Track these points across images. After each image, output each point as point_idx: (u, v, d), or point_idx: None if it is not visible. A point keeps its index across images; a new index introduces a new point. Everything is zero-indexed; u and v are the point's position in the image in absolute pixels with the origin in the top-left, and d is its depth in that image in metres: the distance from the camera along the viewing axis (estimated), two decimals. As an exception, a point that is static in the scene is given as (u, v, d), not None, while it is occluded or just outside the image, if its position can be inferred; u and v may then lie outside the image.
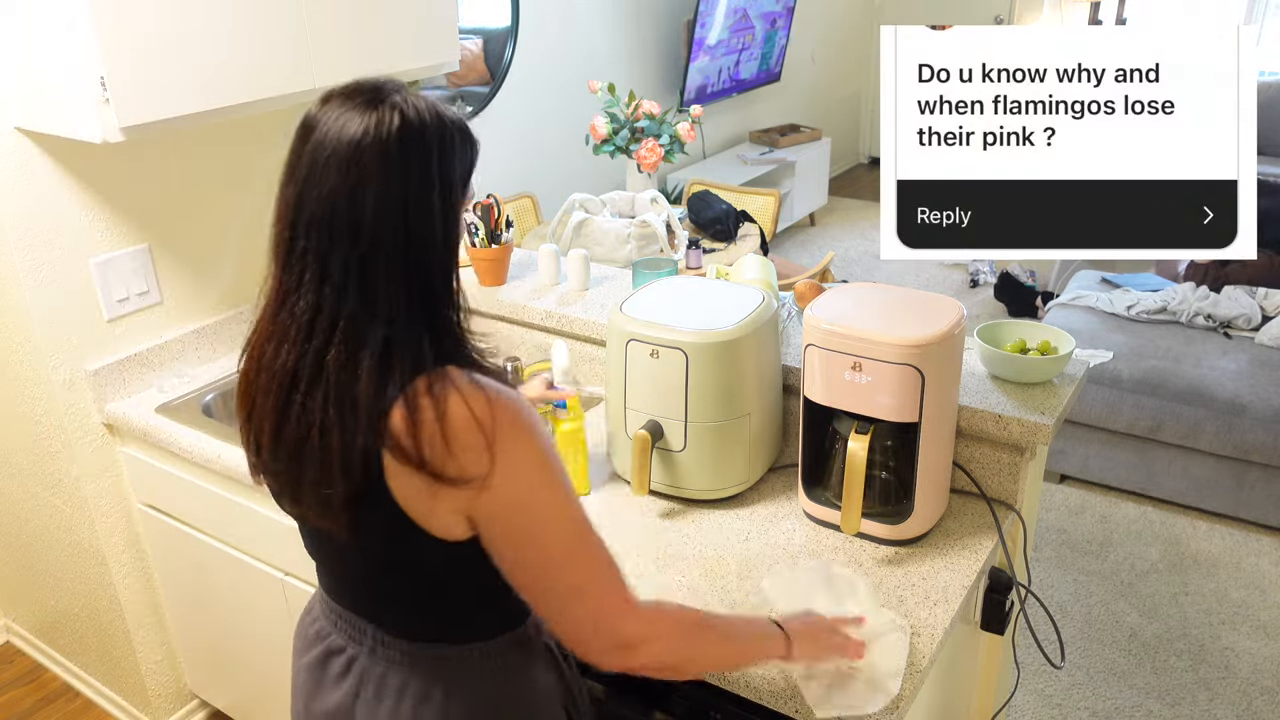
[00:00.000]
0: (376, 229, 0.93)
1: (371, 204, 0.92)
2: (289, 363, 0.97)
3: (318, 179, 0.93)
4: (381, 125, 0.93)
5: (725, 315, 1.55)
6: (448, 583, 1.07)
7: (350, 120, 0.93)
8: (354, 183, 0.92)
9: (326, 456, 0.96)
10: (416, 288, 0.95)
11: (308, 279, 0.95)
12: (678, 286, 1.72)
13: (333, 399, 0.94)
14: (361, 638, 1.13)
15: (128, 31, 1.59)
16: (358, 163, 0.92)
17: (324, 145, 0.94)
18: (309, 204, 0.94)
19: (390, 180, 0.92)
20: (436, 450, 0.93)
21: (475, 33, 4.00)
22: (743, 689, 1.27)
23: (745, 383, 1.57)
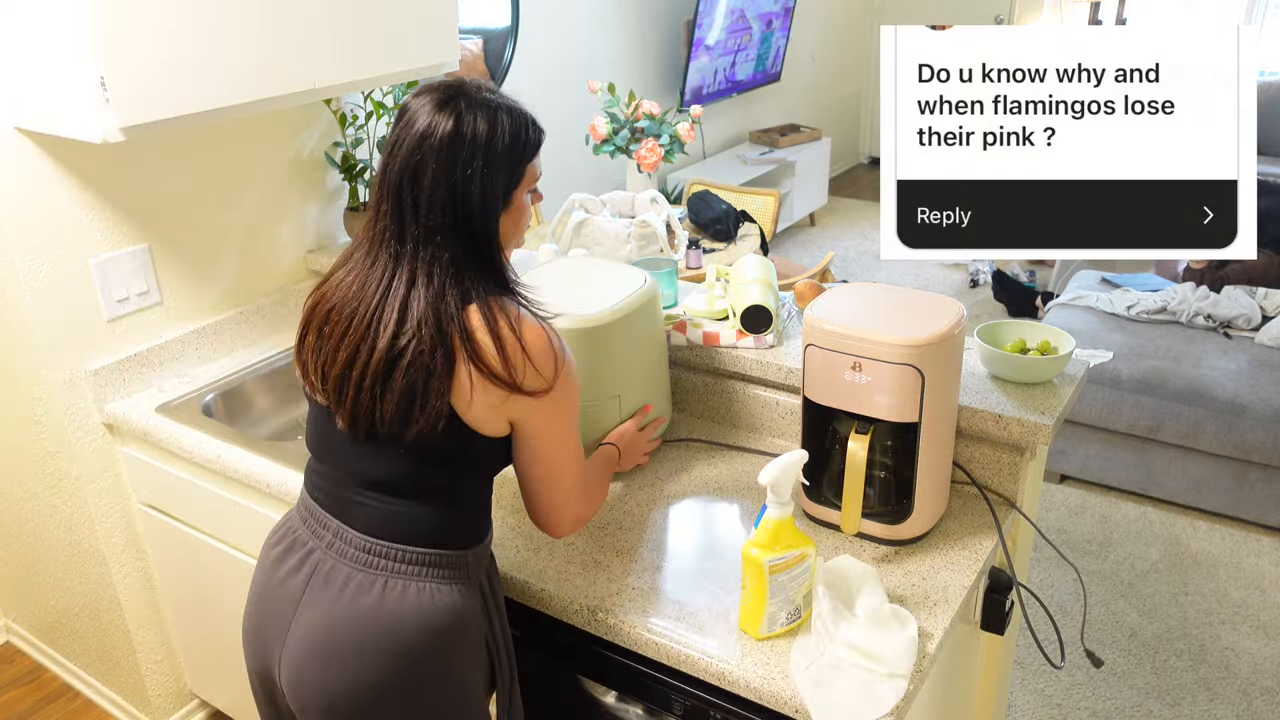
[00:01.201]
0: (432, 203, 1.19)
1: (429, 184, 1.19)
2: (373, 299, 1.21)
3: (395, 159, 1.21)
4: (439, 127, 1.19)
5: (596, 302, 1.64)
6: (457, 480, 1.28)
7: (422, 115, 1.20)
8: (415, 167, 1.19)
9: (414, 372, 1.17)
10: (467, 246, 1.21)
11: (389, 235, 1.21)
12: (568, 270, 1.82)
13: (429, 324, 1.18)
14: (324, 533, 1.30)
15: (128, 31, 1.59)
16: (420, 152, 1.19)
17: (404, 134, 1.21)
18: (390, 177, 1.21)
19: (438, 170, 1.19)
20: (517, 362, 1.19)
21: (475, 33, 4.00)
22: (743, 689, 1.27)
23: (612, 366, 1.64)
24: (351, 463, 1.29)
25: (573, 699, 1.53)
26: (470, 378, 1.19)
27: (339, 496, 1.30)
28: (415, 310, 1.19)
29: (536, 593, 1.44)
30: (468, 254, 1.22)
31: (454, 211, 1.20)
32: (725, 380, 1.86)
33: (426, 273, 1.20)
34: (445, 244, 1.20)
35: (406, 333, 1.18)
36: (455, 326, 1.18)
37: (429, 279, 1.20)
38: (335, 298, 1.25)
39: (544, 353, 1.22)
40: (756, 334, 1.79)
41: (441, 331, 1.18)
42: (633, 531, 1.57)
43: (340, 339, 1.23)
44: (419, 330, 1.18)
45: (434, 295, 1.19)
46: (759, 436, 1.84)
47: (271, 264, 2.32)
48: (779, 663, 1.27)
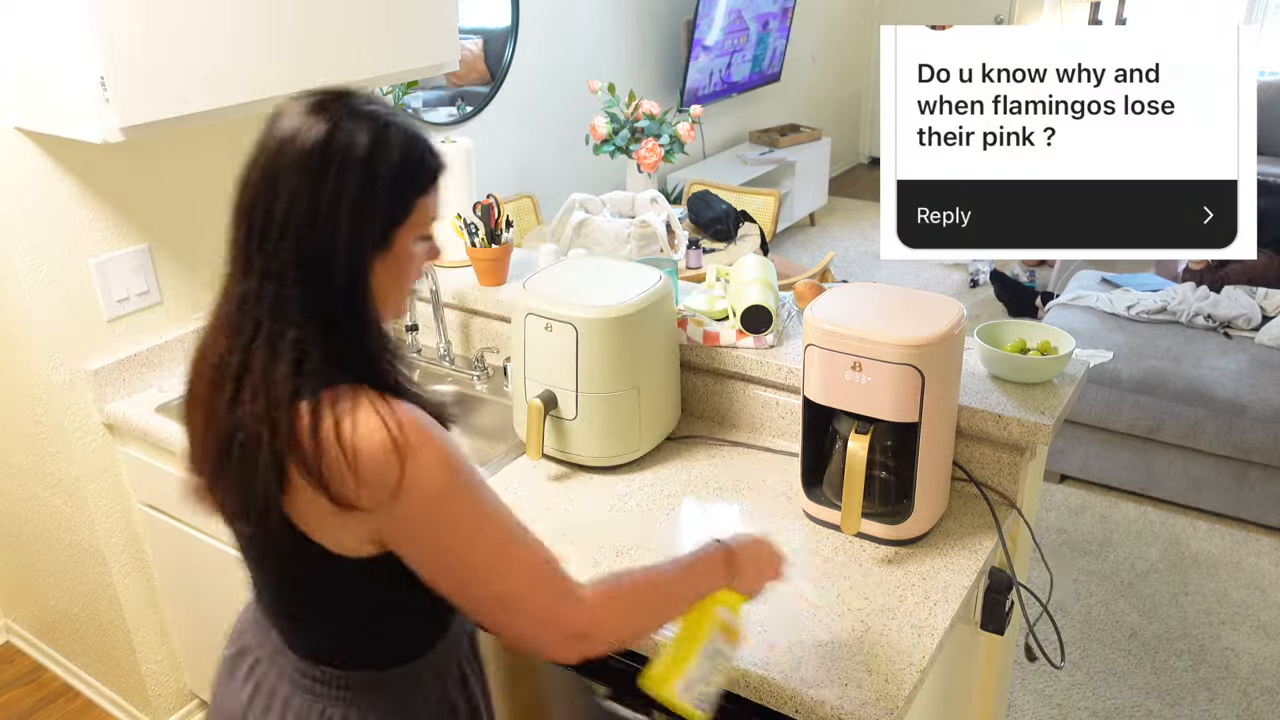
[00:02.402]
0: (283, 233, 0.92)
1: (283, 205, 0.92)
2: (221, 351, 0.98)
3: (250, 169, 0.95)
4: (311, 131, 0.93)
5: (618, 294, 1.66)
6: (349, 604, 1.05)
7: (290, 118, 0.94)
8: (271, 180, 0.93)
9: (248, 451, 0.94)
10: (321, 291, 0.94)
11: (237, 269, 0.97)
12: (583, 266, 1.85)
13: (259, 398, 0.93)
14: (266, 641, 1.15)
15: (128, 31, 1.59)
16: (278, 162, 0.93)
17: (266, 137, 0.95)
18: (245, 192, 0.96)
19: (299, 188, 0.92)
20: (340, 474, 0.91)
21: (475, 33, 4.00)
22: (743, 689, 1.27)
23: (634, 357, 1.67)
24: (248, 560, 1.11)
25: (573, 699, 1.53)
26: (300, 483, 0.93)
27: (267, 600, 1.13)
28: (250, 376, 0.94)
29: (536, 593, 1.44)
30: (321, 301, 0.93)
31: (311, 241, 0.92)
32: (725, 380, 1.86)
33: (271, 322, 0.93)
34: (294, 284, 0.92)
35: (241, 403, 0.94)
36: (283, 411, 0.92)
37: (270, 334, 0.93)
38: (198, 349, 1.03)
39: (373, 459, 0.91)
40: (756, 334, 1.79)
41: (269, 411, 0.92)
42: (633, 531, 1.57)
43: (199, 405, 1.00)
44: (252, 404, 0.93)
45: (271, 358, 0.93)
46: (759, 436, 1.84)
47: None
48: (779, 663, 1.27)
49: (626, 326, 1.64)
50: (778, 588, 1.21)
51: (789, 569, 1.22)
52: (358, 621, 1.08)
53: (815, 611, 1.37)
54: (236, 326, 0.96)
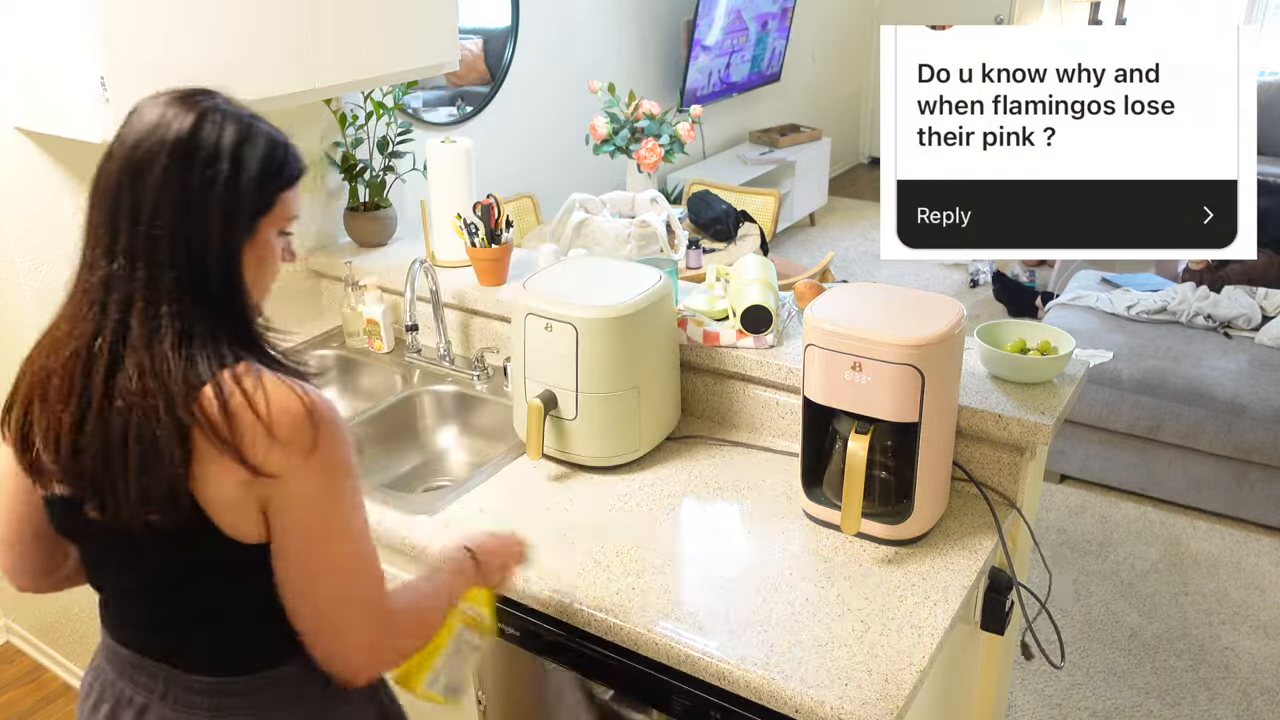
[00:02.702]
0: (155, 213, 0.95)
1: (152, 188, 0.95)
2: (85, 338, 0.97)
3: (111, 158, 0.98)
4: (176, 119, 0.97)
5: (618, 294, 1.66)
6: (251, 591, 1.03)
7: (154, 108, 0.99)
8: (138, 164, 0.96)
9: (144, 431, 0.94)
10: (202, 279, 0.97)
11: (98, 253, 0.97)
12: (583, 266, 1.85)
13: (147, 374, 0.94)
14: (154, 684, 1.08)
15: (128, 31, 1.59)
16: (145, 147, 0.96)
17: (124, 130, 0.99)
18: (100, 182, 0.98)
19: (170, 172, 0.95)
20: (256, 438, 0.94)
21: (475, 33, 4.00)
22: (743, 689, 1.27)
23: (633, 357, 1.66)
24: (133, 574, 1.05)
25: (573, 699, 1.53)
26: (202, 452, 0.94)
27: (151, 635, 1.08)
28: (130, 355, 0.95)
29: (536, 593, 1.44)
30: (197, 281, 0.97)
31: (184, 223, 0.95)
32: (725, 380, 1.86)
33: (145, 301, 0.95)
34: (169, 263, 0.95)
35: (125, 381, 0.94)
36: (181, 384, 0.94)
37: (147, 310, 0.95)
38: (44, 343, 1.01)
39: (291, 422, 0.96)
40: (756, 334, 1.79)
41: (162, 384, 0.94)
42: (633, 531, 1.57)
43: (64, 396, 0.97)
44: (140, 380, 0.94)
45: (151, 336, 0.95)
46: (759, 436, 1.84)
47: (271, 264, 2.32)
48: (779, 663, 1.27)
49: (626, 326, 1.64)
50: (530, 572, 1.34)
51: (530, 551, 1.32)
52: (260, 613, 1.04)
53: (815, 611, 1.37)
54: (101, 309, 0.96)
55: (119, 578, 1.09)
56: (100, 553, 1.09)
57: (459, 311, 2.18)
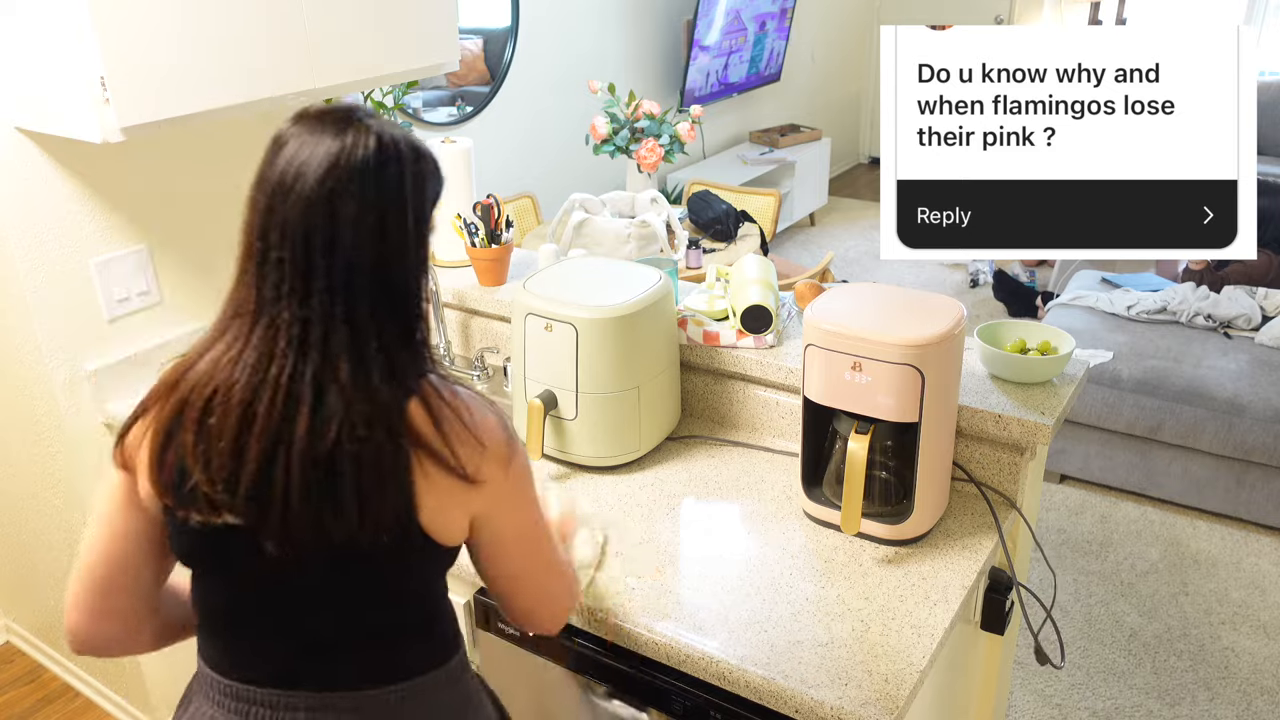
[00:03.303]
0: (353, 244, 0.95)
1: (348, 220, 0.94)
2: (281, 377, 0.95)
3: (294, 192, 0.94)
4: (358, 145, 0.94)
5: (618, 294, 1.66)
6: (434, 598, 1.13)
7: (325, 138, 0.95)
8: (330, 198, 0.93)
9: (367, 462, 0.95)
10: (396, 303, 0.99)
11: (287, 290, 0.95)
12: (583, 266, 1.84)
13: (361, 405, 0.95)
14: (292, 715, 1.06)
15: (128, 31, 1.59)
16: (334, 179, 0.93)
17: (299, 160, 0.94)
18: (284, 216, 0.95)
19: (365, 198, 0.94)
20: (470, 451, 1.00)
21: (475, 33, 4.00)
22: (743, 689, 1.27)
23: (634, 357, 1.67)
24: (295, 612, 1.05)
25: (573, 699, 1.53)
26: (423, 469, 0.98)
27: (284, 665, 1.07)
28: (336, 389, 0.95)
29: (536, 593, 1.44)
30: (393, 315, 0.98)
31: (383, 256, 0.96)
32: (725, 380, 1.86)
33: (345, 340, 0.95)
34: (368, 294, 0.96)
35: (331, 421, 0.94)
36: (393, 409, 0.97)
37: (349, 350, 0.96)
38: (219, 379, 0.97)
39: (496, 434, 1.03)
40: (756, 334, 1.79)
41: (382, 414, 0.96)
42: (632, 531, 1.57)
43: (241, 433, 0.95)
44: (348, 416, 0.95)
45: (356, 369, 0.96)
46: (759, 436, 1.84)
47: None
48: (779, 663, 1.27)
49: (626, 326, 1.64)
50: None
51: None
52: (439, 618, 1.14)
53: (815, 611, 1.37)
54: (300, 345, 0.95)
55: (289, 611, 1.05)
56: (254, 588, 1.04)
57: (459, 311, 2.18)
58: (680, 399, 1.86)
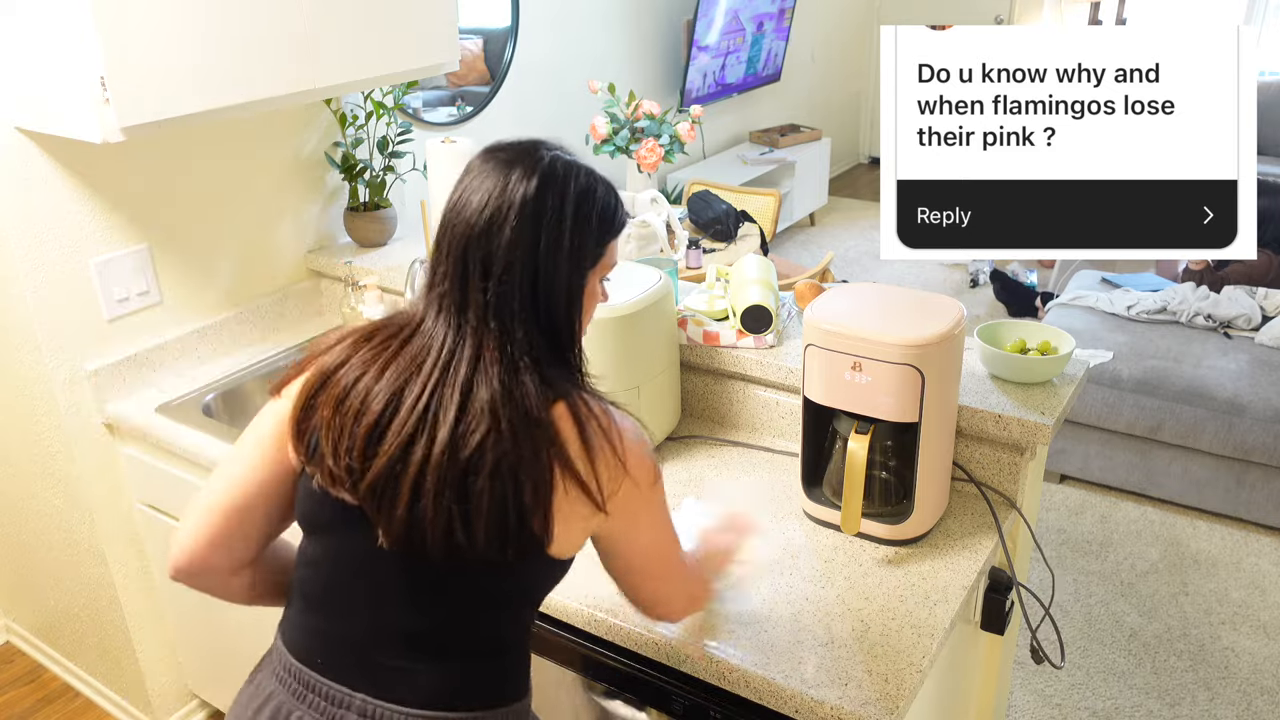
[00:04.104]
0: (506, 267, 1.00)
1: (503, 245, 0.99)
2: (426, 386, 0.99)
3: (460, 217, 1.01)
4: (522, 180, 1.01)
5: (618, 294, 1.64)
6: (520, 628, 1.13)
7: (496, 171, 1.02)
8: (488, 225, 1.00)
9: (503, 478, 0.97)
10: (546, 326, 1.03)
11: (447, 303, 1.02)
12: None
13: (502, 415, 0.97)
14: (344, 714, 1.06)
15: (128, 31, 1.59)
16: (493, 208, 1.00)
17: (470, 189, 1.02)
18: (452, 237, 1.02)
19: (519, 231, 1.00)
20: (610, 470, 1.01)
21: (475, 33, 4.00)
22: (743, 689, 1.27)
23: (634, 357, 1.66)
24: (386, 606, 1.05)
25: (573, 699, 1.53)
26: (563, 487, 0.99)
27: (360, 660, 1.06)
28: (483, 396, 0.97)
29: (536, 593, 1.44)
30: (546, 335, 1.02)
31: (534, 280, 1.01)
32: (725, 380, 1.86)
33: (498, 350, 0.99)
34: (521, 318, 1.00)
35: (476, 424, 0.96)
36: (541, 421, 0.98)
37: (501, 358, 0.99)
38: (367, 367, 1.01)
39: (641, 459, 1.05)
40: (756, 334, 1.79)
41: (527, 426, 0.98)
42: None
43: (381, 423, 0.98)
44: (495, 422, 0.96)
45: (507, 379, 0.98)
46: (759, 436, 1.84)
47: (271, 264, 2.32)
48: (779, 663, 1.27)
49: (626, 326, 1.64)
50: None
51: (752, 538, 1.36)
52: (516, 653, 1.13)
53: (815, 611, 1.37)
54: (446, 359, 0.99)
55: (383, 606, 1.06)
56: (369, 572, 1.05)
57: (459, 311, 2.17)
58: (680, 399, 1.86)
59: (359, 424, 0.99)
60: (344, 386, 1.01)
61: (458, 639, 1.07)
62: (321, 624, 1.09)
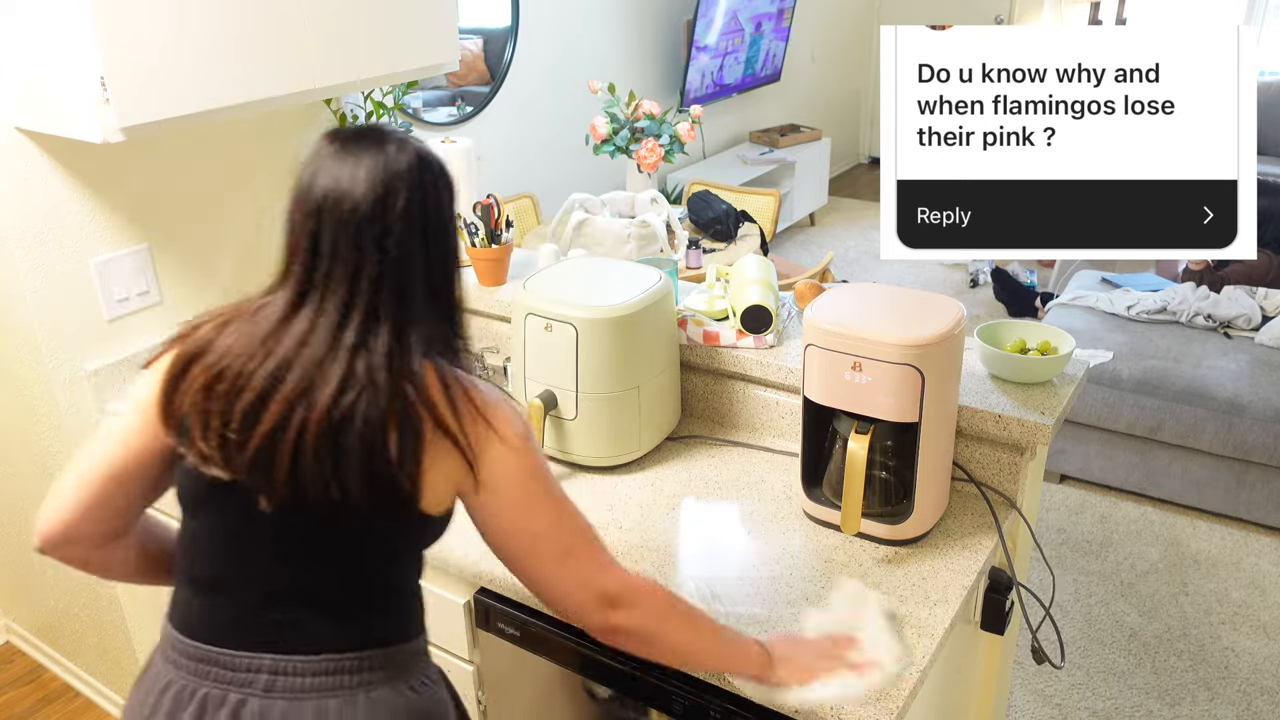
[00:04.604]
0: (403, 240, 1.04)
1: (398, 214, 1.03)
2: (317, 354, 1.02)
3: (347, 196, 1.03)
4: (400, 152, 1.05)
5: (618, 294, 1.66)
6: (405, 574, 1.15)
7: (368, 151, 1.04)
8: (383, 197, 1.03)
9: (369, 427, 1.00)
10: (437, 292, 1.08)
11: (335, 283, 1.03)
12: (583, 266, 1.84)
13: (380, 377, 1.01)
14: (253, 676, 1.07)
15: (128, 31, 1.59)
16: (384, 183, 1.03)
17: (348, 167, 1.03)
18: (337, 218, 1.03)
19: (411, 196, 1.04)
20: (479, 430, 1.04)
21: (475, 33, 4.00)
22: (743, 689, 1.27)
23: (634, 357, 1.66)
24: (274, 570, 1.07)
25: (573, 699, 1.53)
26: (433, 443, 1.03)
27: (258, 624, 1.08)
28: (366, 363, 1.01)
29: (536, 593, 1.44)
30: (433, 301, 1.07)
31: (426, 246, 1.06)
32: (725, 380, 1.86)
33: (388, 319, 1.03)
34: (413, 285, 1.05)
35: (355, 387, 1.00)
36: (413, 382, 1.03)
37: (391, 328, 1.03)
38: (240, 348, 1.03)
39: (506, 417, 1.07)
40: (756, 334, 1.79)
41: (399, 385, 1.02)
42: (633, 531, 1.57)
43: (261, 398, 1.00)
44: (372, 384, 1.01)
45: (392, 345, 1.03)
46: (759, 436, 1.84)
47: (271, 264, 2.31)
48: (779, 663, 1.27)
49: (626, 326, 1.64)
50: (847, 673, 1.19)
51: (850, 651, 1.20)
52: (408, 596, 1.16)
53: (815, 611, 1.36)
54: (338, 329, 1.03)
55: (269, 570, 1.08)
56: (253, 541, 1.07)
57: (459, 311, 2.18)
58: (680, 399, 1.86)
59: (236, 402, 1.01)
60: (214, 371, 1.02)
61: (348, 592, 1.10)
62: (214, 600, 1.10)
